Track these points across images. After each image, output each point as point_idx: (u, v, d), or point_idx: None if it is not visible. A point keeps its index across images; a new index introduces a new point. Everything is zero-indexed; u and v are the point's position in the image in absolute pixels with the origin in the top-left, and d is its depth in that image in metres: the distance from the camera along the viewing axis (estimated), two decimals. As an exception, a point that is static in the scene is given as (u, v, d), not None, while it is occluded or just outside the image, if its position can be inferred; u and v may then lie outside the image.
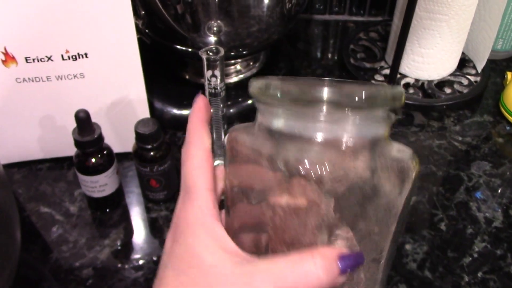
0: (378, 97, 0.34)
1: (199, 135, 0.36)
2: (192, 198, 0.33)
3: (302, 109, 0.32)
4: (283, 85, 0.33)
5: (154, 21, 0.65)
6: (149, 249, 0.56)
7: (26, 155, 0.64)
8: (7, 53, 0.56)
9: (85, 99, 0.60)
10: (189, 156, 0.35)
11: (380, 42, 0.83)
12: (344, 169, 0.32)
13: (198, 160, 0.35)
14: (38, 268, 0.55)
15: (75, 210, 0.60)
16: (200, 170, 0.34)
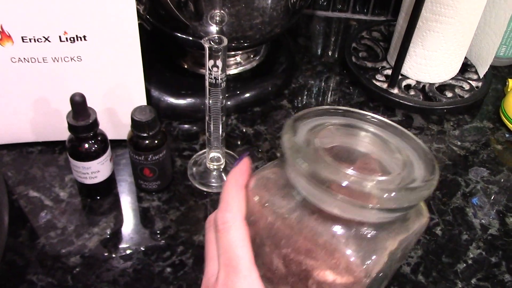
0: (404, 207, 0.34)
1: (238, 201, 0.35)
2: (240, 275, 0.33)
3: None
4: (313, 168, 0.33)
5: (156, 7, 0.63)
6: (139, 239, 0.55)
7: (17, 137, 0.63)
8: (3, 31, 0.54)
9: (81, 83, 0.58)
10: (228, 225, 0.34)
11: (382, 42, 0.82)
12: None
13: (240, 232, 0.34)
14: (24, 253, 0.53)
15: (65, 196, 0.59)
16: (244, 243, 0.34)
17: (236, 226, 0.34)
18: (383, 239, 0.35)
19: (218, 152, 0.60)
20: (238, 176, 0.36)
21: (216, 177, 0.61)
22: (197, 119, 0.69)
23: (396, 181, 0.35)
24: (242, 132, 0.68)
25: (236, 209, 0.35)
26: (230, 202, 0.35)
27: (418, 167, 0.38)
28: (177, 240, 0.55)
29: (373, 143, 0.40)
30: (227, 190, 0.36)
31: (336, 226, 0.33)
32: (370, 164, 0.37)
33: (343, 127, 0.40)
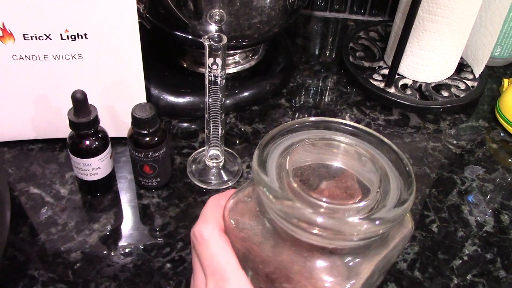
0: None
1: (215, 216, 0.37)
2: (230, 282, 0.34)
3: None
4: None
5: (155, 6, 0.64)
6: (139, 236, 0.56)
7: (18, 135, 0.63)
8: (5, 28, 0.55)
9: (82, 80, 0.59)
10: (206, 238, 0.36)
11: (379, 42, 0.83)
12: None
13: (220, 242, 0.35)
14: (25, 249, 0.54)
15: (66, 193, 0.59)
16: (226, 251, 0.35)
17: (214, 237, 0.35)
18: (359, 264, 0.35)
19: (217, 150, 0.61)
20: (219, 197, 0.39)
21: (215, 174, 0.62)
22: (196, 118, 0.70)
23: (370, 205, 0.34)
24: (240, 131, 0.69)
25: (213, 222, 0.36)
26: (208, 216, 0.37)
27: (394, 178, 0.37)
28: (177, 237, 0.56)
29: (348, 156, 0.39)
30: (206, 207, 0.38)
31: (309, 253, 0.34)
32: (346, 182, 0.37)
33: (316, 142, 0.39)
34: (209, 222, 0.36)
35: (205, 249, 0.35)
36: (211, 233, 0.36)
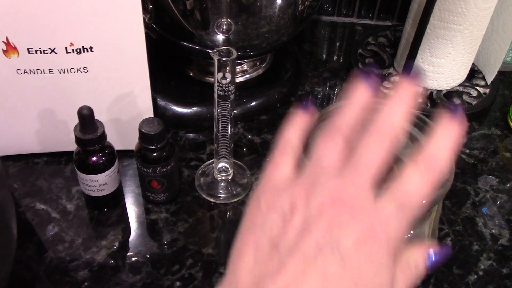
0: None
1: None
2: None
3: None
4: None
5: (161, 16, 0.63)
6: (148, 252, 0.55)
7: (22, 148, 0.62)
8: (9, 43, 0.53)
9: (87, 94, 0.58)
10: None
11: (388, 48, 0.81)
12: None
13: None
14: (32, 267, 0.53)
15: (72, 208, 0.58)
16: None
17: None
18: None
19: (226, 162, 0.60)
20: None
21: (224, 188, 0.61)
22: (203, 128, 0.69)
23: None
24: (249, 141, 0.68)
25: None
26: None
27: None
28: (186, 253, 0.55)
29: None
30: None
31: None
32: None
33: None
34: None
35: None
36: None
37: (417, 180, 0.32)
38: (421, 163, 0.33)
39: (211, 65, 0.71)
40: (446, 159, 0.34)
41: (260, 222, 0.33)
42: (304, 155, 0.38)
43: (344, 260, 0.30)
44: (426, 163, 0.33)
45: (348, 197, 0.31)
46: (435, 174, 0.33)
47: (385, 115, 0.35)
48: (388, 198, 0.32)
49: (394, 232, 0.31)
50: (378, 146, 0.33)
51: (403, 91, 0.36)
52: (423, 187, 0.32)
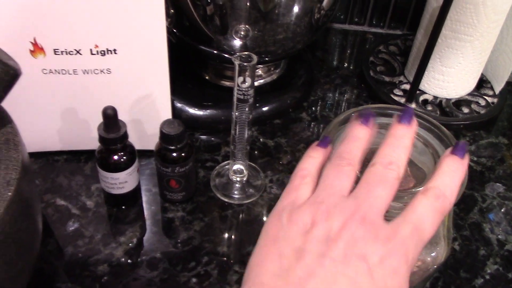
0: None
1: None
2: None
3: None
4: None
5: (182, 20, 0.65)
6: (165, 249, 0.56)
7: (44, 146, 0.64)
8: (36, 43, 0.55)
9: (109, 94, 0.60)
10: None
11: (399, 56, 0.83)
12: None
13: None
14: (53, 262, 0.54)
15: (92, 205, 0.60)
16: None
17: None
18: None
19: (241, 164, 0.61)
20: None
21: (238, 189, 0.63)
22: (218, 130, 0.71)
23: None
24: (262, 144, 0.70)
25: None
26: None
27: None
28: (202, 251, 0.56)
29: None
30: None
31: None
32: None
33: (376, 128, 0.44)
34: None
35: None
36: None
37: (428, 207, 0.35)
38: (430, 195, 0.35)
39: (227, 69, 0.74)
40: (455, 194, 0.36)
41: (282, 234, 0.35)
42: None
43: (372, 272, 0.32)
44: (436, 196, 0.35)
45: (368, 216, 0.34)
46: (444, 206, 0.35)
47: (388, 150, 0.38)
48: (403, 220, 0.35)
49: (412, 251, 0.34)
50: (387, 181, 0.36)
51: (401, 130, 0.39)
52: (433, 214, 0.35)
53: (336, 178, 0.37)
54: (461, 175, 0.37)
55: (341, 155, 0.39)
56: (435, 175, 0.37)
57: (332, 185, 0.37)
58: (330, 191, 0.37)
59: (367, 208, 0.35)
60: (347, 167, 0.38)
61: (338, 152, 0.39)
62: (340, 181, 0.37)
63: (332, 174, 0.38)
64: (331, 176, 0.38)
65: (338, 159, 0.38)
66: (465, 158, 0.38)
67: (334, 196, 0.36)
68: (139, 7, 0.54)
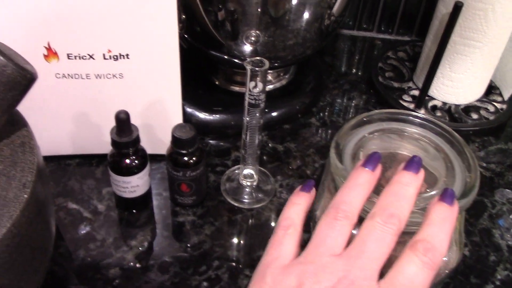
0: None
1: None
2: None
3: None
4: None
5: (193, 26, 0.65)
6: (176, 253, 0.57)
7: (56, 150, 0.65)
8: (50, 48, 0.56)
9: (121, 99, 0.60)
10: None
11: (408, 62, 0.84)
12: None
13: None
14: (65, 264, 0.55)
15: (103, 209, 0.60)
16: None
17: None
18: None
19: (252, 169, 0.62)
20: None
21: (248, 193, 0.63)
22: (227, 135, 0.71)
23: (438, 193, 0.38)
24: (272, 149, 0.70)
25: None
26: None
27: (458, 168, 0.41)
28: (213, 255, 0.57)
29: (415, 146, 0.44)
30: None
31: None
32: None
33: (387, 133, 0.44)
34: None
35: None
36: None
37: (415, 268, 0.34)
38: (419, 249, 0.34)
39: (237, 74, 0.74)
40: (445, 244, 0.35)
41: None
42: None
43: None
44: (425, 250, 0.34)
45: (356, 279, 0.33)
46: (434, 260, 0.34)
47: (390, 200, 0.37)
48: (390, 284, 0.33)
49: None
50: (383, 238, 0.35)
51: (407, 178, 0.38)
52: (423, 272, 0.33)
53: (328, 237, 0.36)
54: (451, 223, 0.36)
55: (338, 206, 0.37)
56: (423, 225, 0.36)
57: (324, 243, 0.36)
58: (320, 250, 0.36)
59: (358, 271, 0.34)
60: (342, 221, 0.36)
61: (335, 201, 0.38)
62: (333, 239, 0.36)
63: (324, 230, 0.37)
64: (323, 233, 0.36)
65: (334, 210, 0.37)
66: (454, 205, 0.36)
67: (324, 256, 0.35)
68: (152, 12, 0.55)
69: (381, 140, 0.45)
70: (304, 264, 0.35)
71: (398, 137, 0.45)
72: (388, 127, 0.45)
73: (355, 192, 0.38)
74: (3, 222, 0.37)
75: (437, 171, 0.43)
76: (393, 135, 0.46)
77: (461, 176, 0.42)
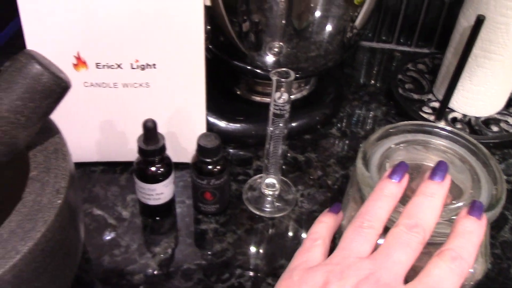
0: None
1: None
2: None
3: None
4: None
5: (217, 36, 0.66)
6: (199, 261, 0.57)
7: (82, 157, 0.66)
8: (80, 57, 0.57)
9: (147, 107, 0.61)
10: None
11: (428, 75, 0.84)
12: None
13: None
14: (90, 270, 0.56)
15: (127, 215, 0.61)
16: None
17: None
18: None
19: (274, 178, 0.62)
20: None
21: (270, 202, 0.64)
22: (247, 145, 0.72)
23: (464, 206, 0.39)
24: (293, 159, 0.71)
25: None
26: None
27: (484, 180, 0.42)
28: (235, 263, 0.57)
29: (442, 158, 0.44)
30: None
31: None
32: None
33: (413, 144, 0.45)
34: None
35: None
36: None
37: (444, 269, 0.34)
38: (446, 256, 0.34)
39: (259, 85, 0.75)
40: (473, 256, 0.35)
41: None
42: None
43: None
44: (452, 258, 0.34)
45: (381, 278, 0.33)
46: (461, 268, 0.34)
47: (415, 210, 0.37)
48: (418, 283, 0.34)
49: None
50: (409, 245, 0.35)
51: (432, 188, 0.38)
52: (451, 276, 0.33)
53: (354, 241, 0.37)
54: (478, 236, 0.36)
55: (363, 216, 0.38)
56: (450, 236, 0.36)
57: (350, 248, 0.36)
58: (346, 253, 0.36)
59: (384, 272, 0.34)
60: (368, 230, 0.37)
61: (361, 211, 0.38)
62: (358, 244, 0.36)
63: (351, 236, 0.37)
64: (349, 239, 0.37)
65: (360, 220, 0.38)
66: (482, 218, 0.36)
67: (350, 258, 0.36)
68: (179, 23, 0.56)
69: (407, 151, 0.45)
70: (330, 264, 0.36)
71: (423, 148, 0.46)
72: (413, 138, 0.46)
73: (381, 203, 0.38)
74: (38, 226, 0.38)
75: (463, 184, 0.44)
76: (418, 146, 0.46)
77: (487, 188, 0.42)
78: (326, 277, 0.34)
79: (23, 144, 0.43)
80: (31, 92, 0.40)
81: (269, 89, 0.73)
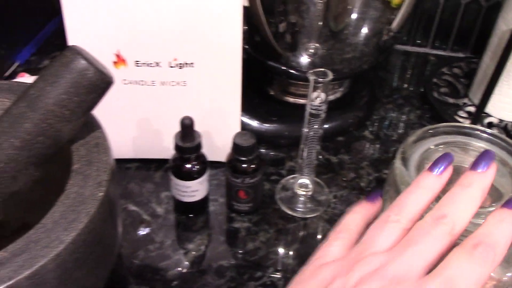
0: None
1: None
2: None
3: None
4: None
5: (253, 36, 0.67)
6: (231, 258, 0.58)
7: (118, 153, 0.66)
8: (120, 55, 0.58)
9: (183, 106, 0.62)
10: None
11: (463, 79, 0.83)
12: None
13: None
14: (125, 264, 0.57)
15: (162, 212, 0.62)
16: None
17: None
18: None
19: (307, 179, 0.62)
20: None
21: (303, 202, 0.64)
22: (279, 145, 0.72)
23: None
24: (326, 160, 0.71)
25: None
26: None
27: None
28: (267, 262, 0.57)
29: None
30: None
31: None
32: None
33: (452, 146, 0.45)
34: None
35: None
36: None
37: (463, 263, 0.31)
38: (467, 245, 0.31)
39: (292, 85, 0.76)
40: (502, 243, 0.31)
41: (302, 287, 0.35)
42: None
43: None
44: (474, 245, 0.31)
45: (391, 272, 0.31)
46: (485, 255, 0.31)
47: (446, 202, 0.34)
48: (434, 278, 0.31)
49: None
50: (432, 236, 0.32)
51: (469, 178, 0.35)
52: (472, 269, 0.30)
53: (375, 236, 0.35)
54: (510, 225, 0.32)
55: (392, 210, 0.36)
56: (478, 228, 0.33)
57: (371, 241, 0.35)
58: (363, 248, 0.35)
59: (397, 265, 0.32)
60: (392, 224, 0.35)
61: (392, 204, 0.36)
62: (381, 238, 0.34)
63: (375, 229, 0.35)
64: (371, 234, 0.35)
65: (387, 213, 0.35)
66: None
67: (365, 253, 0.34)
68: (218, 23, 0.57)
69: (449, 151, 0.45)
70: (344, 260, 0.35)
71: (462, 151, 0.46)
72: (453, 140, 0.46)
73: (414, 196, 0.36)
74: (81, 217, 0.39)
75: (503, 187, 0.43)
76: (457, 148, 0.46)
77: None
78: (334, 273, 0.34)
79: (67, 137, 0.44)
80: (77, 87, 0.41)
81: (303, 90, 0.74)
